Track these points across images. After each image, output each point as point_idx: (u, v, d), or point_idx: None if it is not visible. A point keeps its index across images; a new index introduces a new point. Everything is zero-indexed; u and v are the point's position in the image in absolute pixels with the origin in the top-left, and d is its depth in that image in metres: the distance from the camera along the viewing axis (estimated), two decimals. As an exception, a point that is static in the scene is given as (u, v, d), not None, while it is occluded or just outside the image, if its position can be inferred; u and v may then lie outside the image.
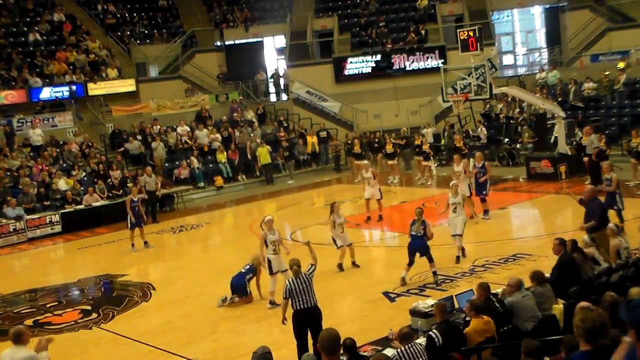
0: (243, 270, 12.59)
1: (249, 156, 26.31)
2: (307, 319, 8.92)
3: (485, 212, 16.90)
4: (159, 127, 26.89)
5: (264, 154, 25.72)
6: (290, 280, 9.11)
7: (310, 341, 8.91)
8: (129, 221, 17.51)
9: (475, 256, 13.49)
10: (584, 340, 4.35)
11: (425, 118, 28.56)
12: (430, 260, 12.23)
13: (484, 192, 16.98)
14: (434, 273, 12.30)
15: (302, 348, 8.86)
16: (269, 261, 11.99)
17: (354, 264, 13.76)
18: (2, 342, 11.86)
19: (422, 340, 7.88)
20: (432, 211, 16.66)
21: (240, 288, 12.44)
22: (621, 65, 25.35)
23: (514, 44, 37.85)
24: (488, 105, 27.35)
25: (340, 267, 13.60)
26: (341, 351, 6.60)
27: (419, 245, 12.20)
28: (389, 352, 7.94)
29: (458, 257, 13.34)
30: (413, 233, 12.32)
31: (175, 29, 34.06)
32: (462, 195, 14.41)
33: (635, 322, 3.04)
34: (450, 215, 13.66)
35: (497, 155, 24.29)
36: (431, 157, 23.10)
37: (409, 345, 7.14)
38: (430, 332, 7.67)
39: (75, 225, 20.87)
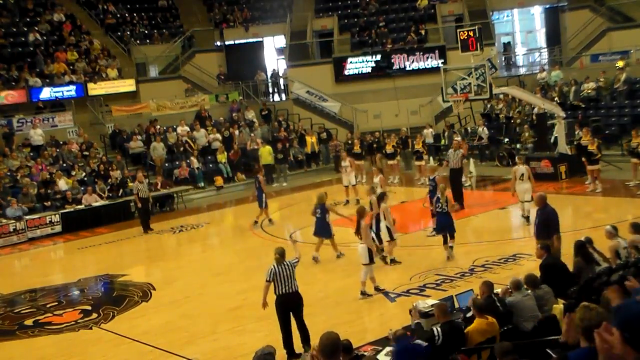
0: (318, 216, 14.21)
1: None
2: (285, 303, 9.61)
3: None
4: (158, 127, 26.92)
5: (265, 154, 25.76)
6: (273, 266, 9.66)
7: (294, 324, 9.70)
8: (264, 200, 18.59)
9: (475, 256, 13.50)
10: (583, 338, 4.38)
11: (425, 118, 28.57)
12: (452, 236, 13.45)
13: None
14: (451, 247, 13.47)
15: (285, 331, 9.62)
16: (369, 250, 11.95)
17: (383, 258, 13.65)
18: (2, 342, 11.91)
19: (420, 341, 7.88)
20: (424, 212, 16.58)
21: (325, 231, 14.15)
22: (620, 64, 25.33)
23: (513, 44, 37.85)
24: (489, 105, 27.36)
25: (391, 260, 13.56)
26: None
27: (445, 222, 13.43)
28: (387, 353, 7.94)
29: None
30: (438, 210, 13.54)
31: (175, 29, 34.05)
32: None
33: (620, 323, 3.02)
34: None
35: (497, 155, 24.29)
36: (423, 157, 22.99)
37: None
38: (434, 327, 7.68)
39: (75, 225, 20.87)
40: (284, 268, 9.62)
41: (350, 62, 30.65)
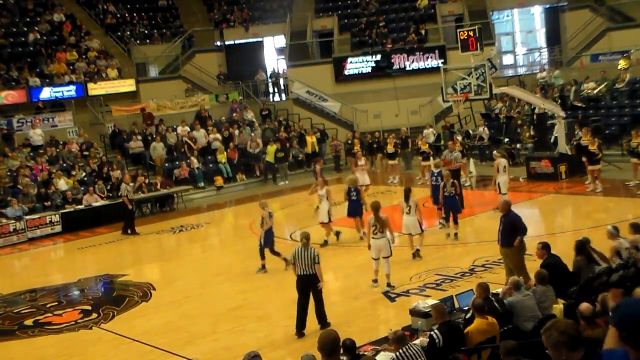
0: (354, 198, 15.52)
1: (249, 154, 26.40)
2: (304, 284, 10.40)
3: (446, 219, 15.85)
4: (158, 124, 26.92)
5: (271, 153, 25.81)
6: (298, 248, 10.50)
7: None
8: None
9: (475, 256, 13.50)
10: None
11: (425, 118, 28.57)
12: (456, 220, 14.86)
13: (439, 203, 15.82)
14: (455, 234, 14.89)
15: (301, 310, 10.41)
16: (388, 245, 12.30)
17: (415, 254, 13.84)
18: (2, 342, 11.91)
19: (420, 340, 7.87)
20: (434, 210, 16.58)
21: (358, 211, 15.48)
22: (623, 63, 25.28)
23: (514, 44, 37.87)
24: (490, 104, 27.34)
25: (416, 251, 13.82)
26: (341, 352, 6.57)
27: (452, 205, 14.93)
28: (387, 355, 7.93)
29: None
30: (446, 194, 14.86)
31: (175, 29, 34.05)
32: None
33: (617, 321, 3.03)
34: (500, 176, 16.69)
35: (497, 155, 24.25)
36: (430, 157, 23.03)
37: (406, 347, 7.12)
38: (432, 332, 7.66)
39: (75, 225, 20.86)
40: (307, 252, 10.37)
41: (350, 62, 30.65)
